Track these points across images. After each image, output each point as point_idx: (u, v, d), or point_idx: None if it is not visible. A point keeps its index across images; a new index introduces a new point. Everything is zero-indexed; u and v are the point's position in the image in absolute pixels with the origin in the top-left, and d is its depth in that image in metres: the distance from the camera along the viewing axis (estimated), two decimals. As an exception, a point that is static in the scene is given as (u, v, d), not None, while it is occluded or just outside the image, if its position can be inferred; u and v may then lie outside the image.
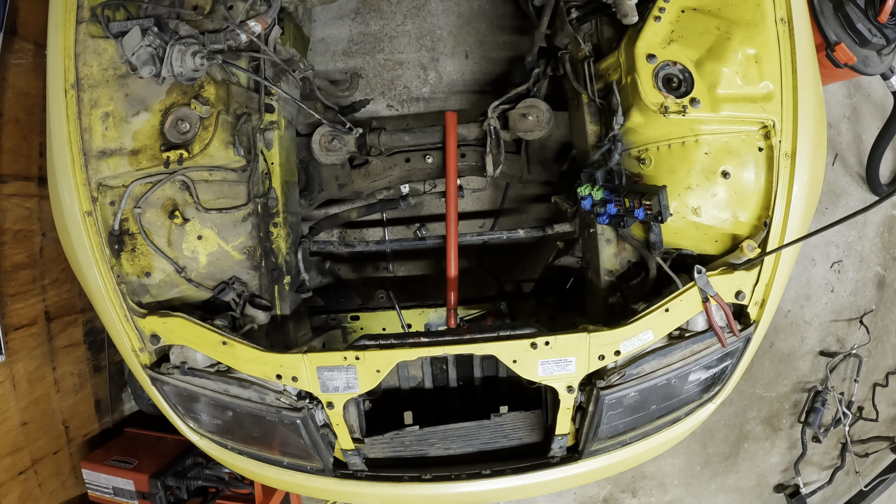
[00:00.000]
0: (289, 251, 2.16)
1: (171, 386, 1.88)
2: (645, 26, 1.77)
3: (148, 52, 1.66)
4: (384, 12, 3.06)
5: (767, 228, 1.76)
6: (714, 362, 1.85)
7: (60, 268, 2.73)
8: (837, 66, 2.51)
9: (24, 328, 2.54)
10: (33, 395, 2.60)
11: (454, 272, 2.36)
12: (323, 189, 2.57)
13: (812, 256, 3.42)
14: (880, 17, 2.40)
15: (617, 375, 1.76)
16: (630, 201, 1.78)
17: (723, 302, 1.74)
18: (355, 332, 2.63)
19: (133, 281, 1.87)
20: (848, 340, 3.49)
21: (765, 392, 3.54)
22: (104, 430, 3.06)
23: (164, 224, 1.84)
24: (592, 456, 1.92)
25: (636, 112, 1.81)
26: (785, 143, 1.73)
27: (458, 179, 2.64)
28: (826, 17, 2.46)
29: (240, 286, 1.98)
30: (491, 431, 1.97)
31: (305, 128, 2.46)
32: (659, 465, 3.60)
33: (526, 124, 2.32)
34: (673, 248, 1.92)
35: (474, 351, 1.76)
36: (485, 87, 3.08)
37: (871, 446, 3.53)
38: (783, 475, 3.64)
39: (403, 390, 2.21)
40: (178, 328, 1.81)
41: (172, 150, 1.74)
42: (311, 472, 1.97)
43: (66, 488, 2.81)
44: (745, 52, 1.72)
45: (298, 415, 1.80)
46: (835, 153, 3.35)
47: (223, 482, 2.88)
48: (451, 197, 2.39)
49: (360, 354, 1.73)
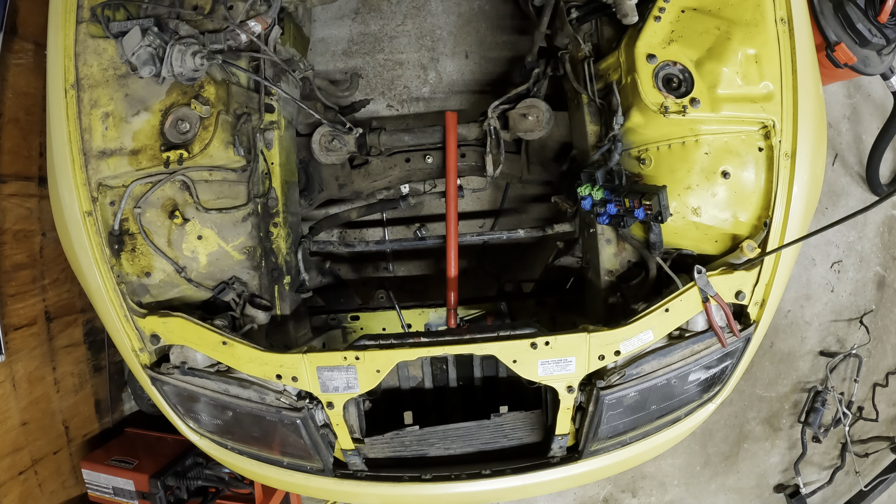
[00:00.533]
0: (289, 251, 2.16)
1: (171, 386, 1.88)
2: (645, 26, 1.77)
3: (148, 52, 1.66)
4: (384, 12, 3.06)
5: (767, 228, 1.76)
6: (714, 362, 1.85)
7: (60, 268, 2.73)
8: (837, 66, 2.51)
9: (24, 328, 2.54)
10: (33, 395, 2.61)
11: (454, 272, 2.36)
12: (323, 189, 2.57)
13: (812, 256, 3.42)
14: (880, 17, 2.40)
15: (617, 375, 1.76)
16: (630, 201, 1.78)
17: (723, 302, 1.74)
18: (355, 332, 2.63)
19: (133, 281, 1.87)
20: (848, 340, 3.49)
21: (765, 392, 3.54)
22: (104, 430, 3.06)
23: (164, 224, 1.84)
24: (592, 456, 1.92)
25: (636, 112, 1.81)
26: (785, 144, 1.73)
27: (459, 179, 2.64)
28: (826, 17, 2.46)
29: (240, 286, 1.98)
30: (491, 431, 1.97)
31: (305, 128, 2.46)
32: (659, 465, 3.60)
33: (526, 124, 2.32)
34: (673, 248, 1.92)
35: (474, 351, 1.76)
36: (485, 87, 3.08)
37: (870, 446, 3.54)
38: (783, 475, 3.64)
39: (403, 390, 2.21)
40: (178, 328, 1.81)
41: (172, 150, 1.74)
42: (311, 472, 1.97)
43: (66, 488, 2.81)
44: (745, 52, 1.72)
45: (298, 415, 1.80)
46: (835, 153, 3.35)
47: (223, 482, 2.89)
48: (451, 197, 2.39)
49: (360, 354, 1.73)
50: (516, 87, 2.34)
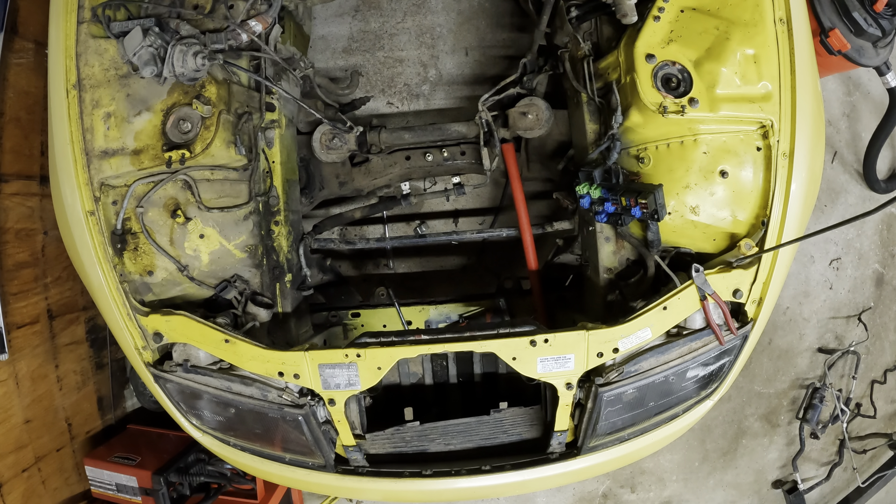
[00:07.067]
0: (290, 249, 2.17)
1: (173, 383, 1.90)
2: (644, 26, 1.78)
3: (149, 53, 1.66)
4: (384, 10, 3.06)
5: (765, 227, 1.77)
6: (712, 360, 1.86)
7: (62, 266, 2.74)
8: (831, 53, 2.50)
9: (26, 326, 2.55)
10: (36, 393, 2.62)
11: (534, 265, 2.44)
12: (324, 187, 2.58)
13: (811, 254, 3.43)
14: (876, 5, 2.40)
15: (615, 372, 1.78)
16: (627, 200, 1.79)
17: (720, 300, 1.75)
18: (356, 330, 2.64)
19: (136, 279, 1.89)
20: (846, 337, 3.50)
21: (763, 389, 3.56)
22: (107, 426, 3.08)
23: (167, 223, 1.86)
24: (591, 452, 1.94)
25: (635, 111, 1.82)
26: (783, 143, 1.74)
27: (458, 177, 2.65)
28: (822, 4, 2.46)
29: (241, 284, 1.99)
30: (490, 427, 1.99)
31: (306, 126, 2.46)
32: (657, 460, 3.62)
33: (525, 122, 2.32)
34: (671, 246, 1.93)
35: (474, 348, 1.77)
36: (485, 84, 3.08)
37: (868, 443, 3.55)
38: (781, 471, 3.66)
39: (404, 386, 2.23)
40: (181, 326, 1.82)
41: (174, 149, 1.75)
42: (312, 468, 1.99)
43: (70, 485, 2.83)
44: (744, 53, 1.73)
45: (300, 411, 1.81)
46: (834, 151, 3.36)
47: (225, 478, 2.90)
48: (525, 230, 2.42)
49: (362, 352, 1.74)
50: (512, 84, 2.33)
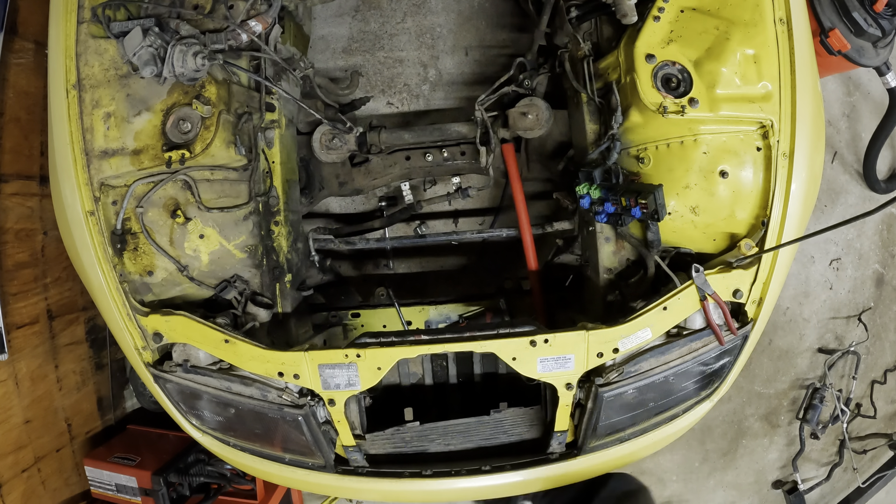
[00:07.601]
0: (290, 249, 2.17)
1: (173, 384, 1.89)
2: (644, 26, 1.77)
3: (149, 53, 1.66)
4: (384, 10, 3.06)
5: (765, 227, 1.77)
6: (712, 360, 1.86)
7: (62, 266, 2.74)
8: (831, 53, 2.50)
9: (26, 327, 2.55)
10: (36, 393, 2.62)
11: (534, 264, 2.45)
12: (323, 187, 2.58)
13: (811, 254, 3.43)
14: (876, 5, 2.40)
15: (615, 373, 1.77)
16: (627, 200, 1.79)
17: (720, 300, 1.75)
18: (356, 330, 2.64)
19: (135, 279, 1.88)
20: (846, 338, 3.50)
21: (763, 389, 3.56)
22: (106, 427, 3.08)
23: (167, 223, 1.85)
24: (591, 452, 1.94)
25: (635, 111, 1.82)
26: (783, 143, 1.74)
27: (459, 178, 2.65)
28: (822, 4, 2.46)
29: (241, 284, 1.99)
30: (490, 427, 1.99)
31: (306, 126, 2.46)
32: (657, 460, 3.62)
33: (525, 123, 2.32)
34: (671, 246, 1.93)
35: (474, 349, 1.77)
36: (485, 84, 3.08)
37: (868, 443, 3.55)
38: (781, 471, 3.66)
39: (404, 387, 2.23)
40: (181, 326, 1.82)
41: (174, 149, 1.74)
42: (312, 468, 1.99)
43: (70, 485, 2.83)
44: (744, 53, 1.73)
45: (300, 412, 1.81)
46: (834, 151, 3.35)
47: (225, 478, 2.90)
48: (525, 228, 2.42)
49: (362, 352, 1.74)
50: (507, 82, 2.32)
